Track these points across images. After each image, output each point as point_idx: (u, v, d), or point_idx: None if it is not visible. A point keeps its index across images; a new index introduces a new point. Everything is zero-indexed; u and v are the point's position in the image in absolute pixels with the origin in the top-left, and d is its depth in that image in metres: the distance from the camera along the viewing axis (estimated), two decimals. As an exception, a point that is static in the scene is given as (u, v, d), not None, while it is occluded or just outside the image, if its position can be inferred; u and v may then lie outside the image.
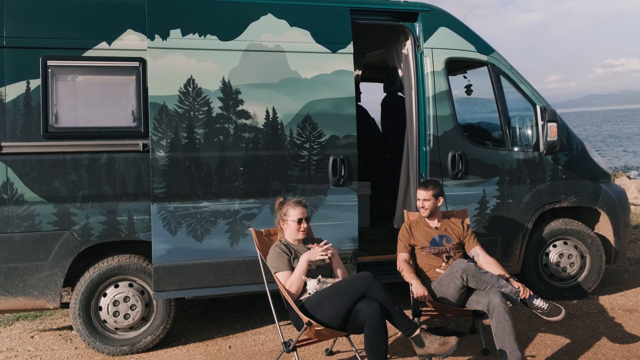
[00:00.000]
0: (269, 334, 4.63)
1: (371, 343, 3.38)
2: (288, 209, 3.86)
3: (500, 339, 3.60)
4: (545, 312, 3.79)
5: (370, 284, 3.50)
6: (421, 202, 4.31)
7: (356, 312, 3.45)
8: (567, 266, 5.29)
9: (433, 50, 4.87)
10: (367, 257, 4.98)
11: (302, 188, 4.47)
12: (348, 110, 4.57)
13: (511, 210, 5.06)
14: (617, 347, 4.21)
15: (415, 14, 4.90)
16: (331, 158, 4.52)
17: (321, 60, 4.50)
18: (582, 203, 5.30)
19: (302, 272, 3.64)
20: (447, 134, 4.87)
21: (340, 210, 4.57)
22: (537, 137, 5.10)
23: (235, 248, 4.36)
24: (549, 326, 4.57)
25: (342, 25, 4.59)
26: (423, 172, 4.85)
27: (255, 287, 4.40)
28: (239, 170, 4.34)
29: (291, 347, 3.58)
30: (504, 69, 5.13)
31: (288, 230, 3.87)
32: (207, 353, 4.25)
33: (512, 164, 5.06)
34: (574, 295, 5.29)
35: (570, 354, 4.11)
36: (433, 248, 4.21)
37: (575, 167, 5.29)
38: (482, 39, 5.12)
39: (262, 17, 4.39)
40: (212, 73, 4.25)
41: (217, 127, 4.28)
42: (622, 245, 5.47)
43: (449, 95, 4.89)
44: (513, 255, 5.12)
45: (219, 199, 4.31)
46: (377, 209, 6.24)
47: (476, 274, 3.79)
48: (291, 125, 4.43)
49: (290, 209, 3.85)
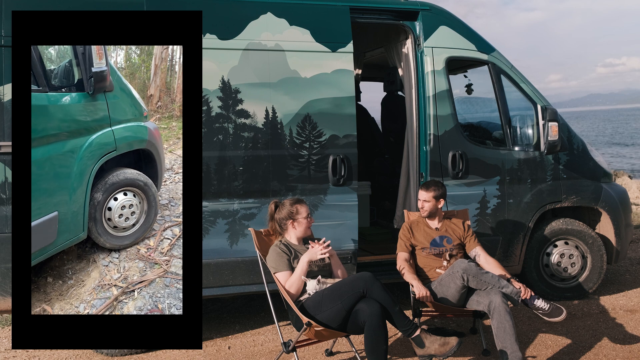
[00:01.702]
0: (268, 334, 4.61)
1: (371, 344, 3.37)
2: (297, 207, 3.83)
3: (501, 339, 3.58)
4: (547, 312, 3.77)
5: (370, 284, 3.48)
6: (421, 203, 4.29)
7: (356, 312, 3.44)
8: (568, 266, 5.27)
9: (433, 49, 4.85)
10: (367, 257, 4.96)
11: (301, 188, 4.46)
12: (348, 110, 4.55)
13: (512, 210, 5.04)
14: (619, 348, 4.19)
15: (415, 13, 4.88)
16: (331, 157, 4.50)
17: (321, 60, 4.49)
18: (583, 203, 5.28)
19: (302, 272, 3.62)
20: (448, 133, 4.85)
21: (340, 210, 4.55)
22: (538, 136, 5.08)
23: (235, 248, 4.34)
24: (550, 326, 4.55)
25: (342, 24, 4.57)
26: (423, 171, 4.83)
27: (255, 287, 4.38)
28: (238, 170, 4.32)
29: (291, 347, 3.56)
30: (505, 68, 5.12)
31: (299, 228, 3.84)
32: (206, 353, 4.23)
33: (512, 164, 5.04)
34: (575, 295, 5.27)
35: (571, 355, 4.10)
36: (433, 249, 4.19)
37: (576, 167, 5.27)
38: (482, 38, 5.10)
39: (261, 16, 4.37)
40: (211, 72, 4.23)
41: (216, 126, 4.26)
42: (624, 246, 5.45)
43: (449, 94, 4.87)
44: (514, 256, 5.10)
45: (218, 199, 4.29)
46: (377, 209, 6.22)
47: (477, 274, 3.78)
48: (291, 124, 4.42)
49: (299, 206, 3.84)
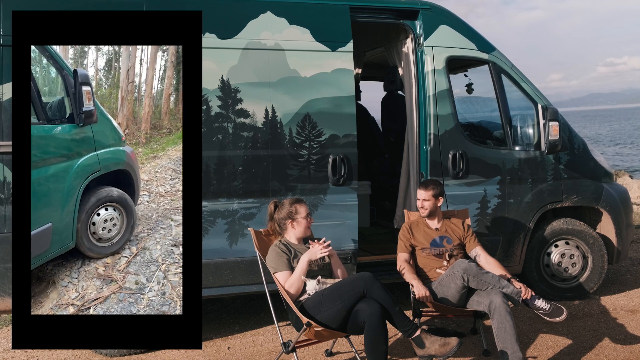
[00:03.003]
0: (268, 334, 4.60)
1: (371, 344, 3.35)
2: (297, 207, 3.82)
3: (502, 339, 3.57)
4: (547, 312, 3.76)
5: (370, 284, 3.47)
6: (421, 202, 4.28)
7: (356, 312, 3.43)
8: (569, 266, 5.25)
9: (434, 49, 4.84)
10: (367, 257, 4.95)
11: (301, 187, 4.45)
12: (348, 109, 4.54)
13: (512, 210, 5.03)
14: (619, 348, 4.18)
15: (415, 12, 4.86)
16: (331, 157, 4.49)
17: (321, 59, 4.47)
18: (584, 203, 5.26)
19: (302, 272, 3.61)
20: (448, 132, 4.84)
21: (340, 210, 4.54)
22: (539, 136, 5.07)
23: (234, 248, 4.33)
24: (551, 327, 4.54)
25: (342, 23, 4.56)
26: (423, 171, 4.82)
27: (254, 287, 4.37)
28: (238, 170, 4.31)
29: (290, 348, 3.55)
30: (505, 67, 5.10)
31: (299, 227, 3.83)
32: (205, 354, 4.22)
33: (513, 163, 5.03)
34: (575, 295, 5.25)
35: (572, 355, 4.09)
36: (433, 249, 4.18)
37: (577, 167, 5.25)
38: (483, 37, 5.09)
39: (261, 15, 4.36)
40: (211, 71, 4.22)
41: (215, 126, 4.25)
42: (625, 246, 5.44)
43: (449, 93, 4.86)
44: (514, 256, 5.08)
45: (217, 199, 4.28)
46: (377, 209, 6.20)
47: (477, 274, 3.77)
48: (290, 124, 4.40)
49: (299, 206, 3.83)
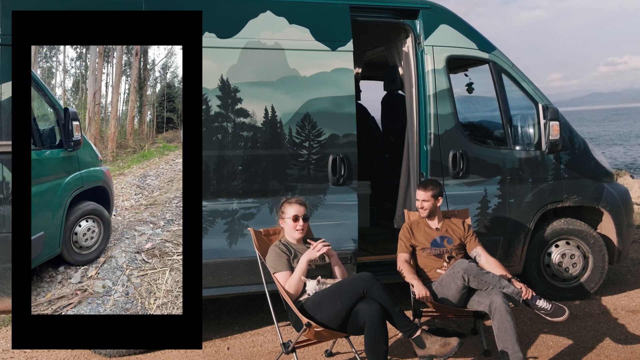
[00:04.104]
0: (267, 335, 4.59)
1: (371, 344, 3.34)
2: (285, 207, 3.83)
3: (502, 340, 3.56)
4: (549, 312, 3.75)
5: (370, 284, 3.46)
6: (420, 203, 4.27)
7: (356, 313, 3.41)
8: (570, 266, 5.24)
9: (434, 48, 4.83)
10: (367, 257, 4.94)
11: (301, 187, 4.44)
12: (348, 109, 4.53)
13: (513, 210, 5.02)
14: (620, 348, 4.17)
15: (416, 11, 4.85)
16: (331, 157, 4.48)
17: (321, 58, 4.46)
18: (584, 202, 5.25)
19: (301, 272, 3.60)
20: (448, 132, 4.83)
21: (340, 210, 4.53)
22: (539, 135, 5.06)
23: (234, 248, 4.32)
24: (551, 327, 4.53)
25: (342, 22, 4.54)
26: (424, 171, 4.81)
27: (254, 287, 4.36)
28: (238, 170, 4.30)
29: (290, 348, 3.54)
30: (506, 67, 5.09)
31: (285, 227, 3.84)
32: (205, 354, 4.21)
33: (513, 163, 5.02)
34: (576, 295, 5.24)
35: (572, 355, 4.08)
36: (434, 249, 4.17)
37: (577, 166, 5.24)
38: (483, 37, 5.08)
39: (260, 15, 4.35)
40: (211, 71, 4.21)
41: (215, 125, 4.24)
42: (625, 245, 5.43)
43: (449, 93, 4.85)
44: (515, 256, 5.07)
45: (217, 199, 4.27)
46: (377, 209, 6.20)
47: (478, 274, 3.76)
48: (290, 123, 4.40)
49: (287, 206, 3.82)
